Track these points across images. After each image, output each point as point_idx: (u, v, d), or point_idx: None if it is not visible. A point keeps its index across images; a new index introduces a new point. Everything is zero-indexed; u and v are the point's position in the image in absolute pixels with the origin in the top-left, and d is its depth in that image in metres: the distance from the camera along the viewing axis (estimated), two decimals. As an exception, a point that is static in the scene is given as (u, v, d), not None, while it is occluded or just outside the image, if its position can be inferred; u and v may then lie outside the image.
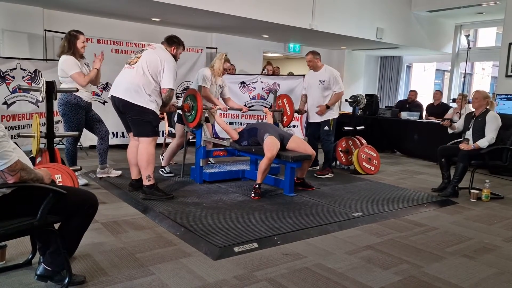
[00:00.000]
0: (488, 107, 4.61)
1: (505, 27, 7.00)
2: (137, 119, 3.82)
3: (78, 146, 5.77)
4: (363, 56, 10.72)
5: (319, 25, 7.17)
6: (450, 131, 4.98)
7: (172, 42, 4.03)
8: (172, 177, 4.78)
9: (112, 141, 6.60)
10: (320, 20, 7.16)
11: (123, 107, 3.83)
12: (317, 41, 8.66)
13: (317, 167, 5.51)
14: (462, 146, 4.55)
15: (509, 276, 2.61)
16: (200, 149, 4.53)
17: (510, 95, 6.14)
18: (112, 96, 3.89)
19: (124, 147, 6.59)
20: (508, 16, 6.90)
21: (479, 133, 4.53)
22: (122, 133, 6.65)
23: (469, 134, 4.64)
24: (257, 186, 4.14)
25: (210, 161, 5.27)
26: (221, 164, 5.32)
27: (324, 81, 5.21)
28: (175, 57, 4.01)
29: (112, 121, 6.49)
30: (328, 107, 5.19)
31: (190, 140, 5.27)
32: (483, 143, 4.44)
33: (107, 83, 6.45)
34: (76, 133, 4.10)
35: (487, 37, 14.68)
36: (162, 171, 4.91)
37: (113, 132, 6.58)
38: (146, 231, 3.09)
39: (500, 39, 7.46)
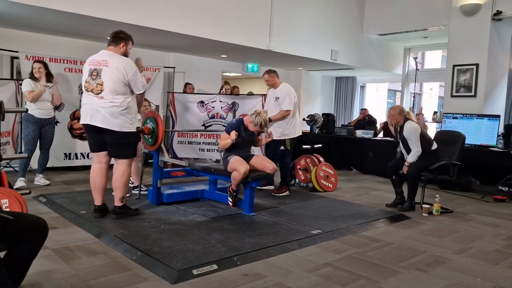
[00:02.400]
0: (407, 117, 4.73)
1: (449, 51, 7.47)
2: (119, 142, 3.70)
3: (28, 169, 5.52)
4: (319, 76, 11.04)
5: (276, 46, 7.33)
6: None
7: (119, 38, 3.66)
8: (128, 197, 4.64)
9: (64, 162, 6.35)
10: (277, 41, 7.33)
11: (103, 132, 3.65)
12: (275, 62, 8.84)
13: (272, 187, 5.54)
14: (403, 170, 4.73)
15: (459, 287, 2.71)
16: (157, 169, 4.44)
17: (455, 114, 6.51)
18: (88, 124, 3.65)
19: (75, 169, 6.38)
20: (451, 40, 7.38)
21: (407, 147, 4.72)
22: (76, 154, 6.42)
23: (401, 148, 4.85)
24: (234, 193, 4.19)
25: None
26: (179, 184, 5.24)
27: (278, 98, 5.31)
28: (126, 54, 3.69)
29: (63, 141, 6.27)
30: (270, 120, 4.92)
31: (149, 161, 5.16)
32: (411, 158, 4.65)
33: (60, 103, 6.22)
34: (25, 155, 3.94)
35: (434, 59, 15.58)
36: (140, 189, 4.79)
37: (65, 154, 6.34)
38: (100, 256, 2.97)
39: (445, 61, 7.93)
